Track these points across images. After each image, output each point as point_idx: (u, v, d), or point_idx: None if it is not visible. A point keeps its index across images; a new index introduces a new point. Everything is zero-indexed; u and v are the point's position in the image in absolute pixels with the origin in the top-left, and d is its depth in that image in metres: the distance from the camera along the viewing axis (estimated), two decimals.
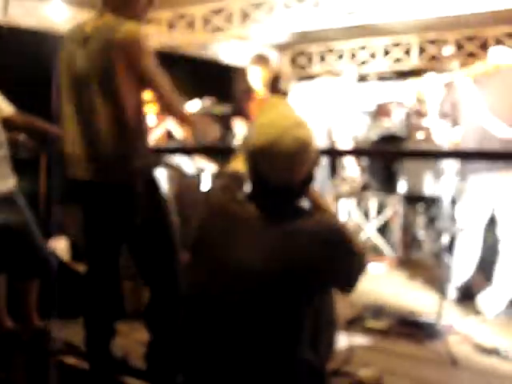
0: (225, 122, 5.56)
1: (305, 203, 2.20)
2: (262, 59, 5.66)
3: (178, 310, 2.99)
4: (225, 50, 8.49)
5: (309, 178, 2.09)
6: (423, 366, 3.56)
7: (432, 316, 4.07)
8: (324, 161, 5.30)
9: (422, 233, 6.39)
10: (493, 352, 3.73)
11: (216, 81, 7.42)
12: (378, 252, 6.49)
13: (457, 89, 4.60)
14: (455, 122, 4.60)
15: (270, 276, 1.96)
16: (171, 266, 3.10)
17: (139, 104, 2.95)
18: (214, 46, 8.27)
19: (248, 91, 5.57)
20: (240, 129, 5.44)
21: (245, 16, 6.80)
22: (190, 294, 2.26)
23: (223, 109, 5.66)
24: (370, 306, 4.49)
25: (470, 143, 4.51)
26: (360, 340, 3.91)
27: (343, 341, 3.48)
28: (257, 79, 5.51)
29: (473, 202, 4.59)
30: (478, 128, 4.44)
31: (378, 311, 4.36)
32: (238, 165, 2.33)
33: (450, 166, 4.53)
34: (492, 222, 4.59)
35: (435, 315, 4.03)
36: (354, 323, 4.20)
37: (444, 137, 4.61)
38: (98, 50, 2.81)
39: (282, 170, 1.98)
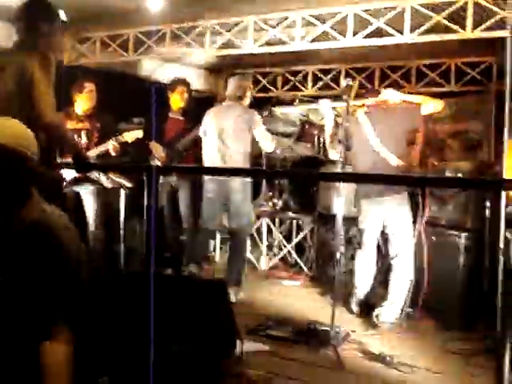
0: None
1: None
2: (182, 81, 5.98)
3: None
4: (158, 70, 8.70)
5: None
6: (313, 370, 3.88)
7: (329, 326, 4.36)
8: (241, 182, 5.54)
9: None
10: (379, 359, 4.06)
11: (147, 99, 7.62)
12: (295, 268, 6.80)
13: (351, 118, 5.05)
14: (348, 148, 4.99)
15: None
16: None
17: None
18: (148, 65, 8.49)
19: (166, 112, 5.88)
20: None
21: (176, 38, 7.06)
22: None
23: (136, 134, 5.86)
24: (275, 316, 4.79)
25: (361, 167, 4.97)
26: (259, 346, 4.19)
27: (243, 346, 3.74)
28: (178, 100, 5.82)
29: (366, 222, 5.01)
30: (370, 155, 4.91)
31: (281, 321, 4.66)
32: None
33: (346, 188, 4.91)
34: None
35: (332, 325, 4.33)
36: (257, 331, 4.48)
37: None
38: None
39: None
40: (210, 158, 5.61)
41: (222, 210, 5.69)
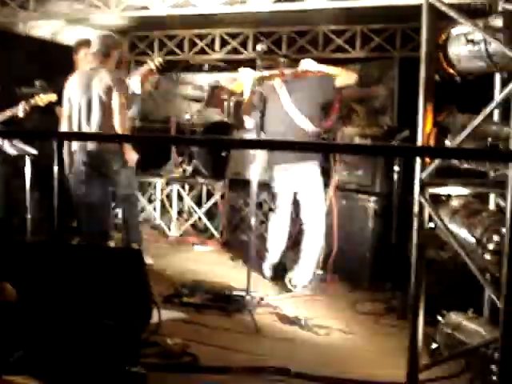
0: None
1: None
2: (87, 43, 5.73)
3: None
4: (62, 32, 8.35)
5: None
6: (230, 336, 3.91)
7: (243, 291, 4.39)
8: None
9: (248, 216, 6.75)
10: (294, 322, 4.13)
11: (51, 62, 7.31)
12: (206, 234, 6.79)
13: (267, 85, 5.06)
14: (262, 114, 5.02)
15: None
16: None
17: None
18: (51, 26, 8.11)
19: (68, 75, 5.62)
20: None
21: None
22: None
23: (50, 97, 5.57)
24: (189, 283, 4.77)
25: (275, 133, 4.96)
26: (175, 314, 4.17)
27: (159, 314, 3.71)
28: (82, 62, 5.59)
29: (278, 188, 5.08)
30: (284, 122, 4.95)
31: (195, 288, 4.65)
32: None
33: (260, 154, 4.92)
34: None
35: (247, 290, 4.37)
36: (172, 299, 4.45)
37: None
38: None
39: None
40: (76, 125, 5.17)
41: (101, 182, 5.28)
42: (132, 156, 5.30)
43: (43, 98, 5.41)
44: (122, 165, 5.24)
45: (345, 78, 5.06)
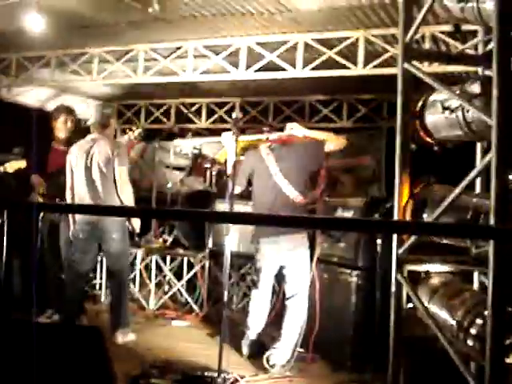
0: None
1: None
2: (66, 110, 5.63)
3: None
4: (52, 100, 8.28)
5: None
6: None
7: (216, 372, 4.09)
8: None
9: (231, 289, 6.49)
10: None
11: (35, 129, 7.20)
12: (185, 307, 6.50)
13: (254, 153, 4.91)
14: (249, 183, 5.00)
15: None
16: None
17: None
18: (41, 94, 8.06)
19: (49, 142, 5.52)
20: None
21: (61, 65, 6.74)
22: None
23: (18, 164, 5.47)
24: (159, 362, 4.47)
25: (263, 203, 4.79)
26: None
27: None
28: (61, 129, 5.47)
29: (263, 261, 4.81)
30: (271, 190, 4.75)
31: (166, 368, 4.34)
32: None
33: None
34: None
35: (223, 370, 4.07)
36: (139, 380, 4.13)
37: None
38: None
39: None
40: (78, 195, 5.21)
41: (96, 251, 5.35)
42: (137, 223, 5.34)
43: (12, 165, 5.30)
44: (120, 235, 5.13)
45: (334, 142, 4.83)
